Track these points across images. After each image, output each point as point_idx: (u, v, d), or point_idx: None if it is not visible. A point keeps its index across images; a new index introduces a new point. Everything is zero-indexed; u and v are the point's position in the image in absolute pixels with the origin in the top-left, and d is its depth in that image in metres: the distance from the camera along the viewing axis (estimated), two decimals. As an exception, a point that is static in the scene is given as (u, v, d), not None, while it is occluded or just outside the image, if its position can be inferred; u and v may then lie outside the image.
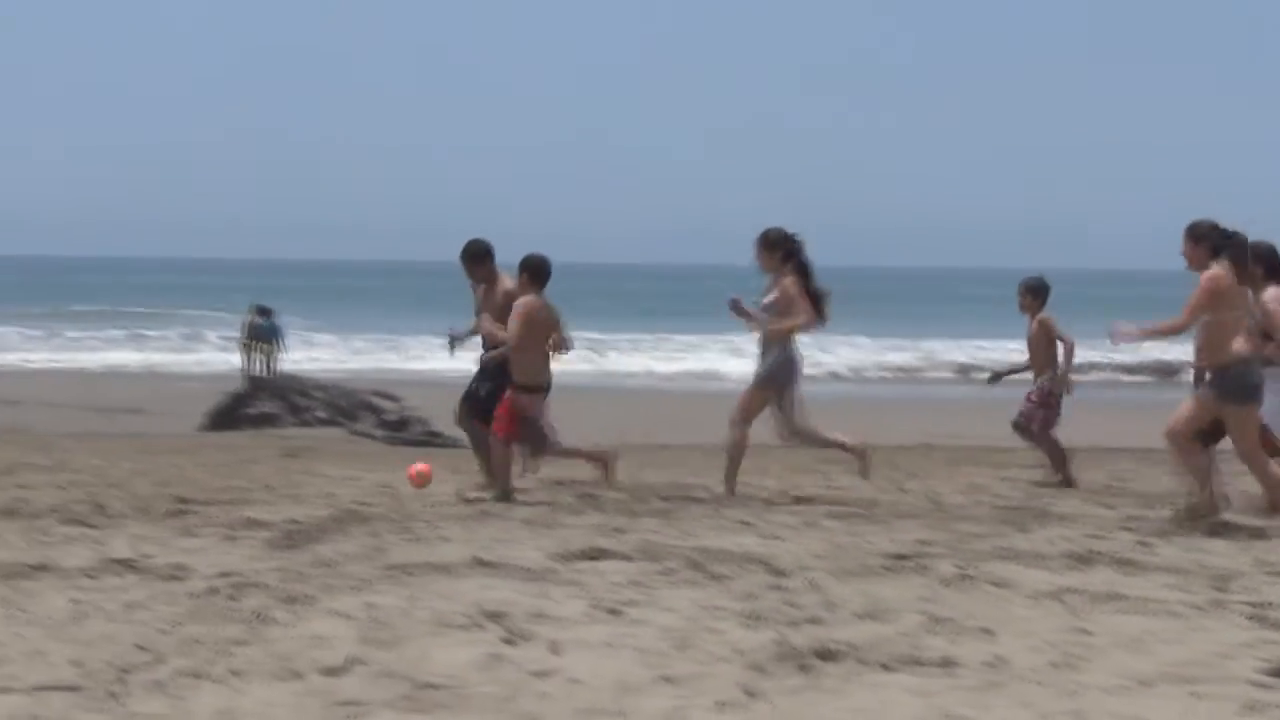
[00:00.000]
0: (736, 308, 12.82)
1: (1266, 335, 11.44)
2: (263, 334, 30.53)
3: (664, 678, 6.46)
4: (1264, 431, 11.26)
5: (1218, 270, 10.81)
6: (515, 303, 12.30)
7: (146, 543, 9.72)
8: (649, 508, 11.72)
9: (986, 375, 15.19)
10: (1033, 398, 14.04)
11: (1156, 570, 9.03)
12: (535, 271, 12.35)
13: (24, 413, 23.20)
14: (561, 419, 13.00)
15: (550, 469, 14.51)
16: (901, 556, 9.36)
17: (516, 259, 12.51)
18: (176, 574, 8.59)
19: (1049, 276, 14.26)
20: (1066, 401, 13.96)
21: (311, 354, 41.64)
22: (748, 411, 12.59)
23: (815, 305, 12.44)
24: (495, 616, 7.51)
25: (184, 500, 11.83)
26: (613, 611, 7.70)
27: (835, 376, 39.92)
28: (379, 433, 20.79)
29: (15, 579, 8.38)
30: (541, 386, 12.42)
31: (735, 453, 12.66)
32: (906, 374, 42.86)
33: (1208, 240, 10.94)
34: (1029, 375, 14.27)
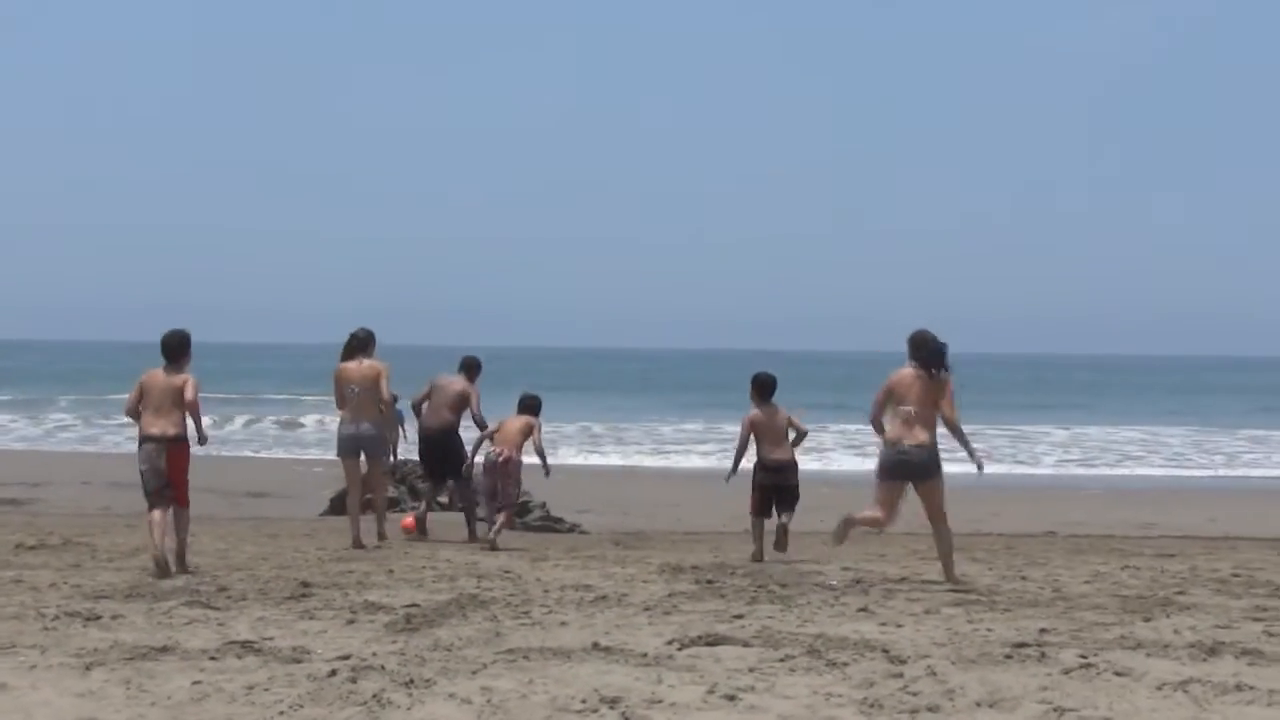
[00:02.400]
0: None
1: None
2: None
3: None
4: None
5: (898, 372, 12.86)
6: None
7: (268, 625, 9.82)
8: (769, 594, 11.68)
9: None
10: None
11: (1285, 661, 8.85)
12: None
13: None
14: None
15: (670, 555, 14.54)
16: (1023, 645, 9.24)
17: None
18: (297, 656, 8.66)
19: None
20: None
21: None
22: None
23: None
24: (612, 702, 7.49)
25: (306, 584, 11.94)
26: (730, 698, 7.67)
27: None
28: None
29: (139, 660, 8.50)
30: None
31: None
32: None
33: (911, 345, 12.88)
34: None
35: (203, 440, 13.36)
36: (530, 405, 16.73)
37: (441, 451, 17.39)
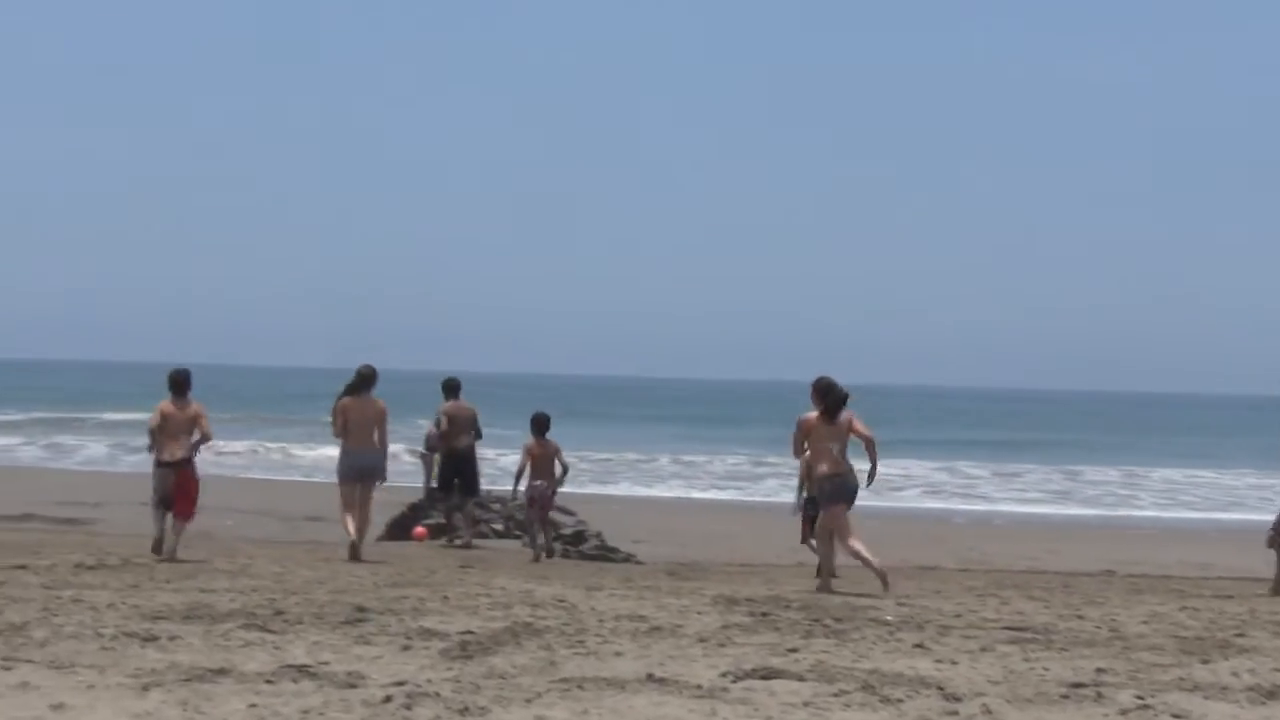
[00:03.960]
0: None
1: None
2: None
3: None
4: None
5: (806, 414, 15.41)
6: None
7: (324, 650, 9.85)
8: (824, 628, 11.65)
9: None
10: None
11: (1345, 706, 8.76)
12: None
13: (209, 517, 23.58)
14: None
15: (724, 587, 14.50)
16: (1079, 685, 9.18)
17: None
18: (352, 682, 8.68)
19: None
20: None
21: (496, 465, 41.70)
22: None
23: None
24: (666, 733, 7.49)
25: (361, 609, 11.97)
26: (784, 732, 7.65)
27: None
28: (555, 546, 20.85)
29: (195, 681, 8.53)
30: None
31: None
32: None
33: (815, 392, 15.36)
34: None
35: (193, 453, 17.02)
36: (546, 424, 19.17)
37: (468, 467, 20.32)
